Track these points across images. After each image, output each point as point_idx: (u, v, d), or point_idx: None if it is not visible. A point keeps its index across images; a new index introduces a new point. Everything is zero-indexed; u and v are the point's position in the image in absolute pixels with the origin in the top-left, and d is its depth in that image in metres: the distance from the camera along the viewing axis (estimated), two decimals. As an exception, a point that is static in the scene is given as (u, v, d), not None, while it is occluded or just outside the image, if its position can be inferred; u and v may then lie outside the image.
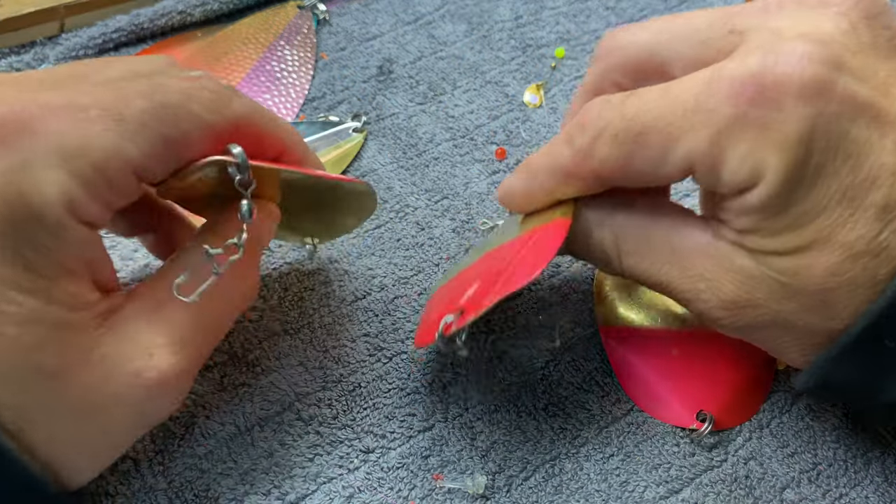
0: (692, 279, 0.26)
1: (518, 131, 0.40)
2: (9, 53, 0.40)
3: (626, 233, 0.27)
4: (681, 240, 0.26)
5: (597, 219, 0.27)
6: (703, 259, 0.25)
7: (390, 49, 0.43)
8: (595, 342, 0.33)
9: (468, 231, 0.36)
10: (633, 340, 0.33)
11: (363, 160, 0.39)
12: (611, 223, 0.27)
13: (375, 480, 0.29)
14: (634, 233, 0.27)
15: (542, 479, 0.29)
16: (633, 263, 0.27)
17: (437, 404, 0.31)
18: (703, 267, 0.25)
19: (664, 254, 0.26)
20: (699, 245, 0.26)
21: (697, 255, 0.25)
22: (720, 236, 0.25)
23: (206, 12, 0.43)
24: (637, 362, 0.32)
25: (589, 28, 0.45)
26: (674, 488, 0.30)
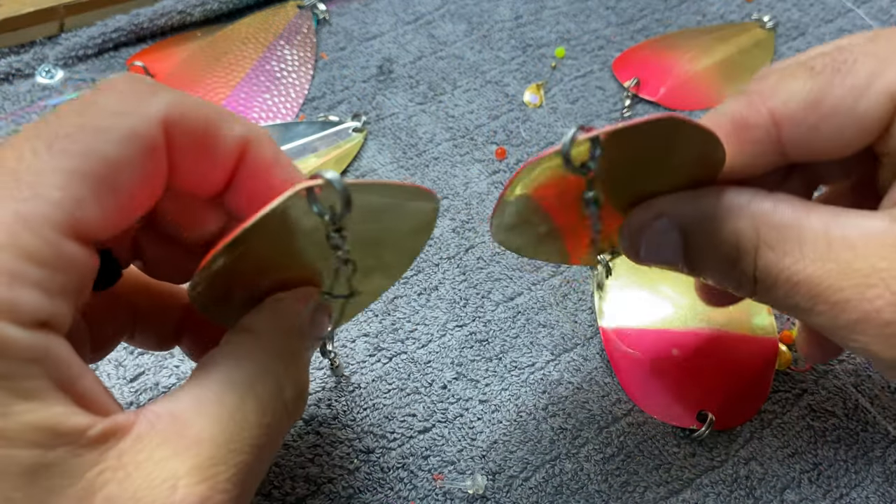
0: (857, 274, 0.21)
1: (518, 131, 0.40)
2: (8, 53, 0.40)
3: (771, 221, 0.22)
4: (843, 229, 0.21)
5: (735, 204, 0.23)
6: (877, 247, 0.20)
7: (390, 49, 0.43)
8: (595, 342, 0.33)
9: (468, 231, 0.36)
10: (633, 340, 0.33)
11: (363, 160, 0.39)
12: (753, 211, 0.22)
13: (375, 481, 0.29)
14: (782, 222, 0.22)
15: (543, 480, 0.29)
16: (774, 260, 0.22)
17: (437, 404, 0.31)
18: (876, 256, 0.20)
19: (818, 247, 0.21)
20: (871, 233, 0.21)
21: (868, 244, 0.21)
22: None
23: (205, 12, 0.42)
24: (637, 362, 0.32)
25: (589, 28, 0.45)
26: (674, 489, 0.30)
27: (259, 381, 0.20)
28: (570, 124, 0.41)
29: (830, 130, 0.21)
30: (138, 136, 0.18)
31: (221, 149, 0.20)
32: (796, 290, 0.22)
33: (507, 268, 0.35)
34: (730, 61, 0.44)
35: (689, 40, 0.44)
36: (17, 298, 0.16)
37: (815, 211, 0.22)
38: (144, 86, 0.19)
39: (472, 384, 0.32)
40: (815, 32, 0.45)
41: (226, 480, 0.18)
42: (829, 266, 0.21)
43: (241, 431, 0.19)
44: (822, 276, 0.21)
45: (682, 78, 0.43)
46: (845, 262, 0.21)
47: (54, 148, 0.17)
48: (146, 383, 0.31)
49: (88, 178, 0.17)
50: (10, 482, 0.15)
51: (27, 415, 0.16)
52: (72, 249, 0.17)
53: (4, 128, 0.38)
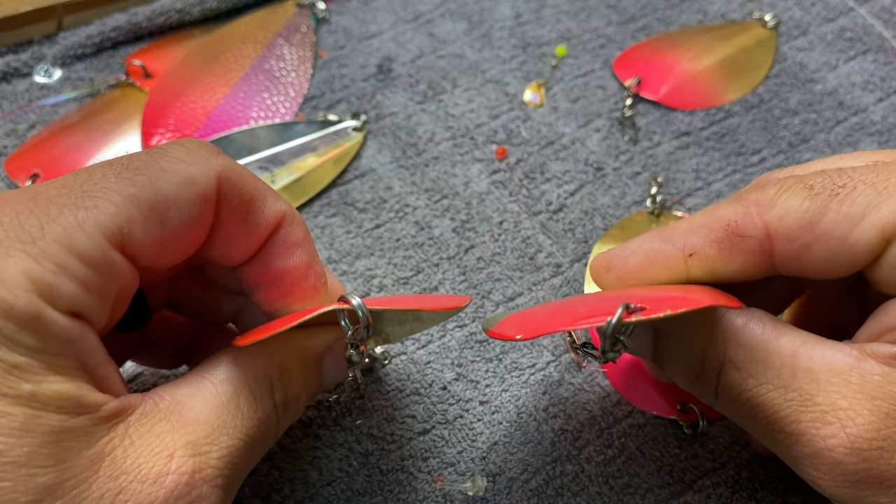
0: (815, 409, 0.20)
1: (518, 130, 0.40)
2: (6, 52, 0.40)
3: (740, 339, 0.22)
4: (811, 360, 0.21)
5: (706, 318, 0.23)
6: (840, 384, 0.20)
7: (390, 47, 0.43)
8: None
9: (468, 231, 0.36)
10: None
11: (362, 159, 0.38)
12: (724, 325, 0.22)
13: (375, 483, 0.29)
14: (751, 342, 0.22)
15: (543, 482, 0.29)
16: (737, 380, 0.22)
17: (436, 406, 0.31)
18: (837, 394, 0.20)
19: (783, 374, 0.21)
20: (837, 367, 0.21)
21: (832, 378, 0.20)
22: (870, 355, 0.21)
23: (204, 10, 0.42)
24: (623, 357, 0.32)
25: (590, 26, 0.45)
26: (676, 491, 0.29)
27: (253, 379, 0.22)
28: (571, 123, 0.40)
29: (822, 253, 0.21)
30: (194, 183, 0.21)
31: (262, 217, 0.23)
32: (755, 412, 0.22)
33: (507, 268, 0.35)
34: (731, 60, 0.43)
35: (691, 39, 0.44)
36: (61, 286, 0.18)
37: (785, 335, 0.22)
38: (208, 147, 0.22)
39: (473, 385, 0.31)
40: (816, 31, 0.45)
41: (217, 459, 0.21)
42: (791, 395, 0.21)
43: (233, 419, 0.21)
44: (782, 405, 0.21)
45: (683, 77, 0.42)
46: (807, 395, 0.21)
47: (122, 176, 0.20)
48: (145, 384, 0.30)
49: (142, 205, 0.20)
50: (38, 439, 0.18)
51: (58, 384, 0.18)
52: (115, 258, 0.20)
53: (2, 127, 0.38)
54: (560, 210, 0.37)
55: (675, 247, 0.23)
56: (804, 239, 0.21)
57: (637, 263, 0.24)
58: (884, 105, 0.42)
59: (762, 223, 0.22)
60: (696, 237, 0.23)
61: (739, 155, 0.40)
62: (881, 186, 0.21)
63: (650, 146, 0.40)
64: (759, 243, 0.22)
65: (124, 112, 0.39)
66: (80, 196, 0.19)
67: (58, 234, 0.19)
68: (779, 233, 0.22)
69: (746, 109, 0.42)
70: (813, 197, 0.21)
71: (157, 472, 0.19)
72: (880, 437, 0.19)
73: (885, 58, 0.44)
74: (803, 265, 0.22)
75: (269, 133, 0.38)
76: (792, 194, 0.21)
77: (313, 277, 0.24)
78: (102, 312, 0.20)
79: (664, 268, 0.23)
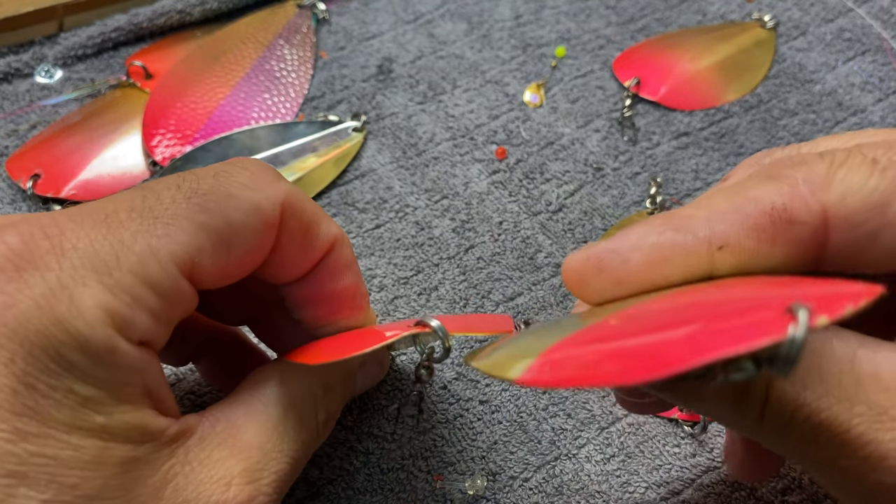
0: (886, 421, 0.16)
1: (518, 131, 0.40)
2: (7, 53, 0.40)
3: None
4: (874, 365, 0.17)
5: None
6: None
7: (390, 48, 0.43)
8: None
9: (468, 231, 0.36)
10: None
11: (363, 160, 0.39)
12: None
13: (375, 482, 0.29)
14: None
15: (543, 480, 0.29)
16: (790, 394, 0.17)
17: (437, 405, 0.31)
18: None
19: (844, 384, 0.17)
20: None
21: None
22: None
23: (205, 11, 0.42)
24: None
25: (590, 27, 0.45)
26: (675, 489, 0.29)
27: (300, 400, 0.23)
28: (571, 124, 0.40)
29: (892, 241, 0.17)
30: (260, 210, 0.21)
31: (318, 241, 0.23)
32: (816, 434, 0.17)
33: (507, 268, 0.35)
34: (730, 61, 0.44)
35: (690, 40, 0.44)
36: (135, 319, 0.18)
37: (837, 336, 0.17)
38: (271, 173, 0.22)
39: (472, 384, 0.32)
40: (815, 32, 0.45)
41: (268, 484, 0.21)
42: (859, 410, 0.16)
43: (282, 442, 0.22)
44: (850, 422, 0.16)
45: (682, 77, 0.43)
46: (880, 409, 0.16)
47: (192, 201, 0.20)
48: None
49: (212, 234, 0.20)
50: (109, 470, 0.18)
51: (126, 415, 0.18)
52: (185, 287, 0.20)
53: (3, 127, 0.38)
54: (560, 210, 0.37)
55: (698, 238, 0.18)
56: (871, 224, 0.17)
57: (643, 261, 0.18)
58: (883, 105, 0.42)
59: (818, 206, 0.17)
60: (725, 225, 0.18)
61: (738, 155, 0.40)
62: None
63: (649, 146, 0.40)
64: (812, 231, 0.17)
65: (125, 112, 0.39)
66: (152, 222, 0.19)
67: (133, 263, 0.18)
68: (839, 217, 0.17)
69: (745, 110, 0.42)
70: (881, 172, 0.17)
71: (216, 500, 0.20)
72: None
73: (883, 58, 0.44)
74: (865, 256, 0.18)
75: (270, 133, 0.39)
76: (851, 170, 0.17)
77: (360, 297, 0.25)
78: (165, 336, 0.20)
79: (682, 265, 0.18)
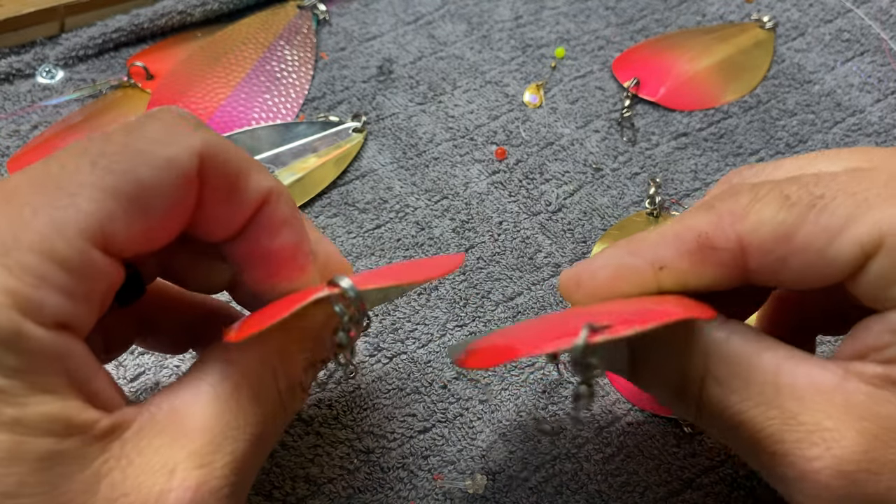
0: (800, 428, 0.19)
1: (518, 131, 0.40)
2: (9, 53, 0.40)
3: (721, 353, 0.21)
4: (794, 377, 0.20)
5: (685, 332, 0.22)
6: (825, 403, 0.19)
7: (390, 49, 0.43)
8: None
9: (468, 231, 0.36)
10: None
11: (363, 160, 0.39)
12: (704, 339, 0.21)
13: (375, 481, 0.29)
14: (733, 356, 0.21)
15: (543, 480, 0.29)
16: (718, 396, 0.21)
17: (437, 404, 0.31)
18: (822, 413, 0.19)
19: (766, 391, 0.20)
20: (821, 385, 0.20)
21: (816, 397, 0.19)
22: (855, 374, 0.20)
23: (206, 12, 0.42)
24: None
25: (589, 28, 0.45)
26: (674, 489, 0.30)
27: (253, 373, 0.21)
28: (570, 124, 0.41)
29: (798, 266, 0.20)
30: (174, 165, 0.19)
31: (247, 195, 0.21)
32: (738, 431, 0.21)
33: (507, 268, 0.35)
34: (729, 61, 0.44)
35: (689, 40, 0.44)
36: (42, 299, 0.17)
37: (768, 349, 0.21)
38: (187, 121, 0.20)
39: (472, 384, 0.32)
40: (814, 33, 0.45)
41: (223, 466, 0.19)
42: (773, 413, 0.20)
43: (236, 420, 0.20)
44: (765, 423, 0.20)
45: (681, 78, 0.43)
46: (790, 413, 0.20)
47: (98, 165, 0.18)
48: (146, 383, 0.31)
49: (122, 197, 0.18)
50: (25, 467, 0.17)
51: (43, 406, 0.17)
52: (98, 259, 0.18)
53: (5, 128, 0.38)
54: (559, 210, 0.37)
55: (645, 260, 0.22)
56: (779, 252, 0.20)
57: (606, 279, 0.23)
58: (881, 106, 0.42)
59: (735, 235, 0.20)
60: (665, 250, 0.22)
61: (737, 156, 0.40)
62: (861, 197, 0.19)
63: (649, 147, 0.40)
64: (732, 255, 0.21)
65: (126, 113, 0.39)
66: (55, 193, 0.18)
67: (33, 241, 0.17)
68: (753, 245, 0.20)
69: (744, 110, 0.42)
70: (789, 207, 0.20)
71: (159, 490, 0.18)
72: (867, 459, 0.19)
73: (882, 59, 0.44)
74: (780, 278, 0.21)
75: (271, 134, 0.39)
76: (766, 204, 0.20)
77: (301, 257, 0.23)
78: (89, 317, 0.19)
79: (634, 283, 0.22)
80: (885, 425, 0.19)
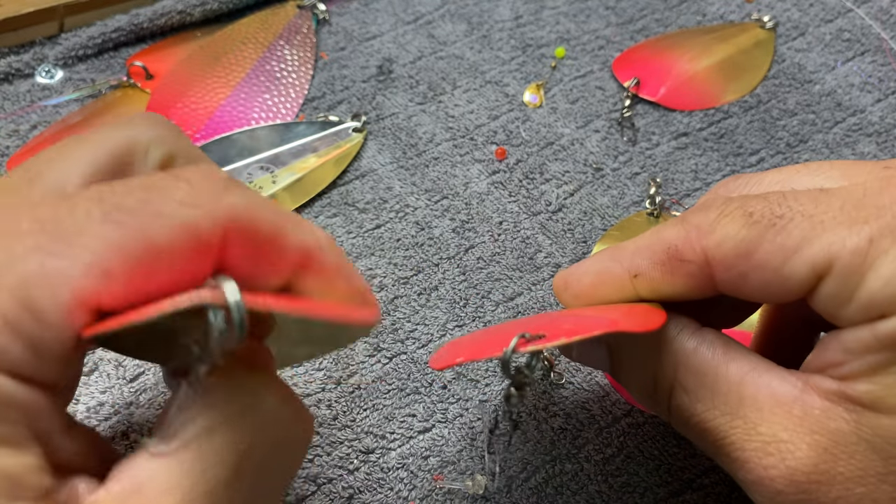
0: (759, 438, 0.21)
1: (518, 131, 0.40)
2: (8, 53, 0.40)
3: (689, 364, 0.22)
4: (756, 388, 0.21)
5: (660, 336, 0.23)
6: (783, 415, 0.20)
7: (390, 49, 0.43)
8: (595, 342, 0.33)
9: (468, 231, 0.36)
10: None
11: (363, 160, 0.39)
12: (675, 348, 0.23)
13: (375, 481, 0.29)
14: (700, 367, 0.22)
15: (543, 480, 0.29)
16: (686, 403, 0.22)
17: (437, 405, 0.31)
18: (779, 425, 0.20)
19: (730, 401, 0.21)
20: (780, 397, 0.21)
21: (775, 409, 0.21)
22: (813, 388, 0.21)
23: (205, 12, 0.42)
24: None
25: (589, 28, 0.45)
26: (675, 489, 0.30)
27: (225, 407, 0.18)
28: (570, 124, 0.41)
29: (757, 282, 0.21)
30: (192, 230, 0.17)
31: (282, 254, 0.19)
32: (704, 436, 0.22)
33: (507, 268, 0.35)
34: (730, 61, 0.44)
35: (689, 40, 0.44)
36: (6, 347, 0.16)
37: (734, 360, 0.22)
38: (217, 183, 0.18)
39: (472, 384, 0.32)
40: (814, 32, 0.45)
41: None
42: (736, 423, 0.21)
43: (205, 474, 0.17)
44: (728, 431, 0.21)
45: (682, 78, 0.43)
46: (751, 423, 0.21)
47: (109, 216, 0.17)
48: (146, 383, 0.31)
49: (127, 256, 0.16)
50: None
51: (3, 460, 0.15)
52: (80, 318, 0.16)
53: (4, 128, 0.38)
54: (559, 210, 0.37)
55: (622, 267, 0.23)
56: (740, 268, 0.21)
57: (589, 283, 0.24)
58: (882, 106, 0.42)
59: (700, 249, 0.21)
60: (640, 259, 0.23)
61: (738, 156, 0.40)
62: (817, 220, 0.20)
63: (649, 147, 0.40)
64: (698, 268, 0.22)
65: (126, 113, 0.39)
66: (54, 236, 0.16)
67: (13, 283, 0.16)
68: (716, 259, 0.21)
69: (745, 110, 0.42)
70: (751, 225, 0.21)
71: None
72: (818, 471, 0.20)
73: (883, 58, 0.44)
74: (742, 291, 0.22)
75: (270, 134, 0.39)
76: (731, 221, 0.21)
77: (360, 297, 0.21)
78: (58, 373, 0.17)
79: (612, 287, 0.23)
80: (834, 440, 0.20)
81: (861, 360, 0.19)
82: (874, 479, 0.19)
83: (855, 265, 0.19)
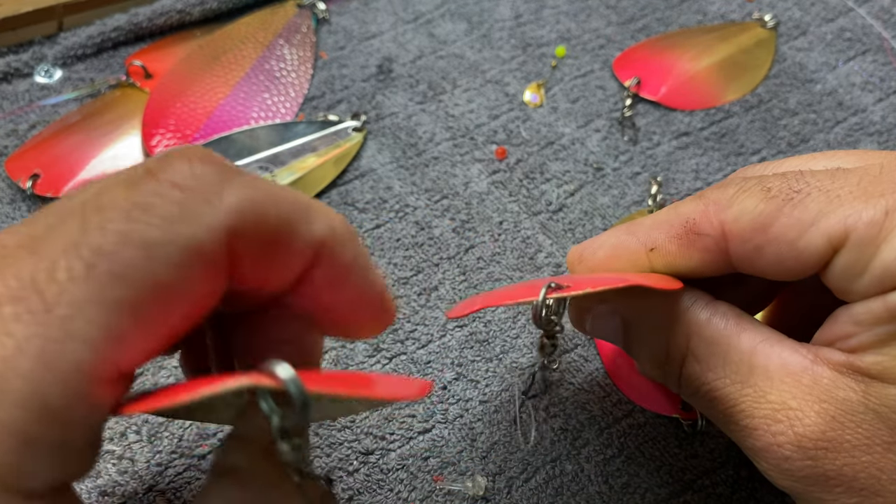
0: (768, 406, 0.21)
1: (518, 131, 0.40)
2: (7, 53, 0.40)
3: (702, 333, 0.23)
4: (767, 358, 0.22)
5: (673, 308, 0.23)
6: (792, 384, 0.21)
7: (390, 48, 0.43)
8: (595, 343, 0.33)
9: (468, 231, 0.36)
10: None
11: (363, 160, 0.38)
12: (688, 319, 0.23)
13: (375, 482, 0.29)
14: (712, 337, 0.23)
15: (543, 481, 0.29)
16: (697, 372, 0.23)
17: (437, 405, 0.31)
18: (788, 393, 0.21)
19: (741, 370, 0.22)
20: (791, 367, 0.21)
21: (785, 378, 0.21)
22: (823, 360, 0.21)
23: (204, 11, 0.42)
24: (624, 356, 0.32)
25: (590, 27, 0.45)
26: (675, 490, 0.29)
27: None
28: (571, 124, 0.40)
29: (772, 256, 0.21)
30: (196, 253, 0.15)
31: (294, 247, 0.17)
32: (714, 404, 0.23)
33: (507, 268, 0.35)
34: (731, 61, 0.43)
35: (690, 39, 0.44)
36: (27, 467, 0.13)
37: (746, 331, 0.22)
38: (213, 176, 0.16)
39: (473, 385, 0.32)
40: (816, 32, 0.45)
41: None
42: (746, 391, 0.22)
43: None
44: (738, 399, 0.22)
45: (682, 77, 0.43)
46: (761, 392, 0.21)
47: (95, 269, 0.14)
48: (145, 384, 0.30)
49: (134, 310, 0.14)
50: None
51: None
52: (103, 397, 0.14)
53: (3, 127, 0.38)
54: (560, 210, 0.37)
55: (638, 241, 0.24)
56: (756, 241, 0.21)
57: (604, 256, 0.24)
58: (883, 105, 0.42)
59: (718, 222, 0.22)
60: (657, 232, 0.23)
61: (739, 155, 0.40)
62: (834, 194, 0.20)
63: (650, 146, 0.40)
64: (714, 242, 0.22)
65: (125, 112, 0.39)
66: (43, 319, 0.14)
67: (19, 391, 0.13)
68: (733, 233, 0.22)
69: (746, 110, 0.42)
70: (768, 200, 0.21)
71: None
72: (825, 438, 0.20)
73: (884, 58, 0.44)
74: (757, 266, 0.22)
75: (270, 133, 0.39)
76: (749, 195, 0.21)
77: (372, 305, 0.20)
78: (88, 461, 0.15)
79: (627, 261, 0.24)
80: (842, 408, 0.20)
81: (870, 331, 0.20)
82: (880, 447, 0.20)
83: (870, 236, 0.19)
